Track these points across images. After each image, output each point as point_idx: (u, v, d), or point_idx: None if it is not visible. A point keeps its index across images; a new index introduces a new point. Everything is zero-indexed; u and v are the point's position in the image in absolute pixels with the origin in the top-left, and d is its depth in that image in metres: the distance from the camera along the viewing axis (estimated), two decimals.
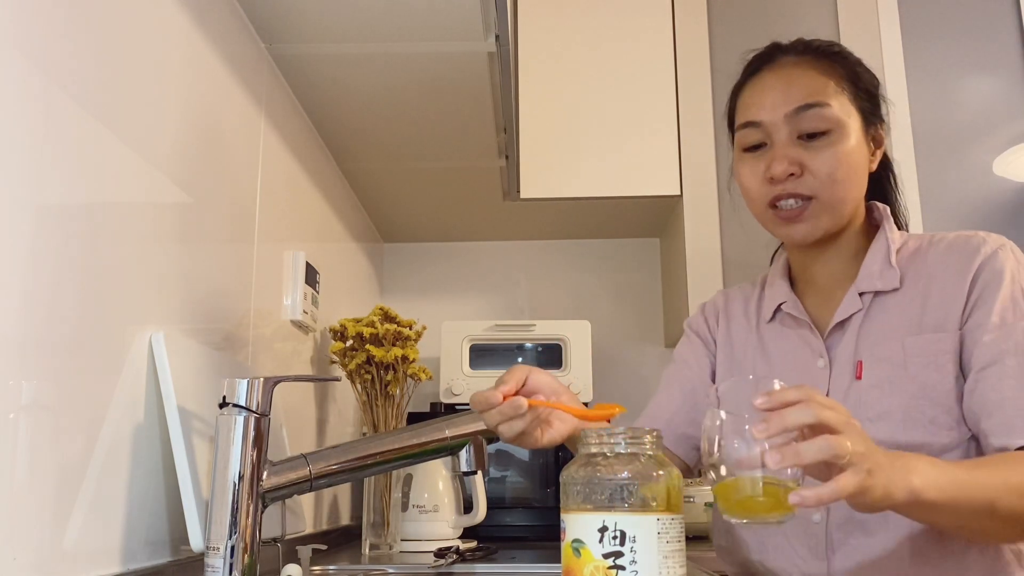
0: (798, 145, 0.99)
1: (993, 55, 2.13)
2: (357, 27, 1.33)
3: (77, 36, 0.80)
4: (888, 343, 0.97)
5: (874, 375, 0.96)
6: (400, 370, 1.64)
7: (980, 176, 2.07)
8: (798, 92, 0.99)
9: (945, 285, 0.97)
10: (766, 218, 1.03)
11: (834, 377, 1.00)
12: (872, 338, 0.99)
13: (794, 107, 0.99)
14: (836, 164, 0.97)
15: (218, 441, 0.87)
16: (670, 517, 0.67)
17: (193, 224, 1.07)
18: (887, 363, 0.96)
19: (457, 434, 0.99)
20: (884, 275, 1.00)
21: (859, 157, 1.00)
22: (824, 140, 0.98)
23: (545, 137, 2.08)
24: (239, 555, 0.85)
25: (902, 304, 0.99)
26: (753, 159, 1.02)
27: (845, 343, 1.00)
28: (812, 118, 0.98)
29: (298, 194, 1.59)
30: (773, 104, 1.00)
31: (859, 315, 1.00)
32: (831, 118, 0.98)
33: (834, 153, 0.98)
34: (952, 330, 0.95)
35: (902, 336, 0.97)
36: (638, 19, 2.13)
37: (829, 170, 0.97)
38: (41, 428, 0.73)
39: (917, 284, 0.99)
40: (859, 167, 1.00)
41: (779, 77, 1.02)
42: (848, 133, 0.98)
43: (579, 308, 2.41)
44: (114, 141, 0.87)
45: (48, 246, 0.75)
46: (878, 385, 0.96)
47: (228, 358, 1.16)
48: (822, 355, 1.02)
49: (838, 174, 0.98)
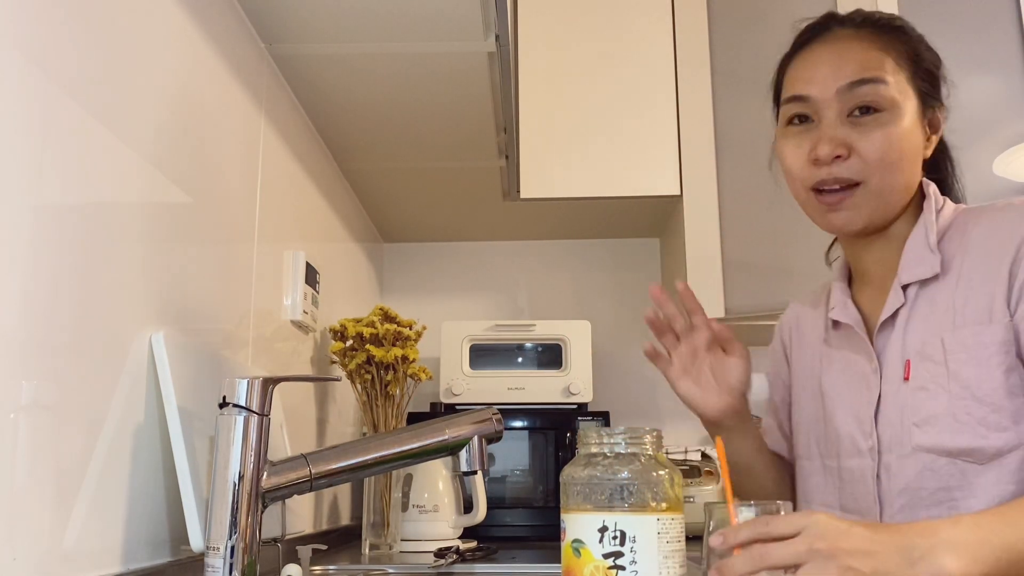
0: (847, 124, 0.91)
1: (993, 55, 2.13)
2: (357, 27, 1.33)
3: (77, 36, 0.80)
4: (932, 339, 0.88)
5: (919, 375, 0.88)
6: (400, 370, 1.64)
7: (980, 176, 2.07)
8: (852, 66, 0.91)
9: (987, 268, 0.87)
10: (808, 203, 0.96)
11: (885, 380, 0.93)
12: (919, 334, 0.90)
13: (847, 82, 0.91)
14: (888, 146, 0.90)
15: (218, 441, 0.87)
16: (670, 517, 0.67)
17: (193, 224, 1.07)
18: (930, 361, 0.88)
19: (457, 434, 0.99)
20: (925, 261, 0.91)
21: (913, 141, 0.92)
22: (876, 119, 0.90)
23: (545, 137, 2.08)
24: (239, 555, 0.85)
25: (947, 293, 0.89)
26: (798, 135, 0.95)
27: (893, 341, 0.92)
28: (865, 94, 0.91)
29: (298, 194, 1.59)
30: (824, 78, 0.92)
31: (904, 310, 0.92)
32: (886, 96, 0.90)
33: (886, 134, 0.90)
34: (998, 319, 0.85)
35: (943, 331, 0.88)
36: (638, 19, 2.13)
37: (880, 153, 0.90)
38: (41, 428, 0.73)
39: (961, 269, 0.89)
40: (913, 152, 0.92)
41: (833, 50, 0.94)
42: (902, 114, 0.91)
43: (579, 308, 2.42)
44: (114, 141, 0.87)
45: (48, 246, 0.75)
46: (923, 386, 0.88)
47: (228, 358, 1.16)
48: (871, 358, 0.94)
49: (889, 157, 0.90)
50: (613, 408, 2.16)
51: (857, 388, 0.95)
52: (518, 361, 2.10)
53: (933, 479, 0.86)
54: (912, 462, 0.88)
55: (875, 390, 0.93)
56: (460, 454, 1.00)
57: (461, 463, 1.00)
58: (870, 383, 0.94)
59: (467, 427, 1.00)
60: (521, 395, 2.03)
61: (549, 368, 2.06)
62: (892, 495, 0.90)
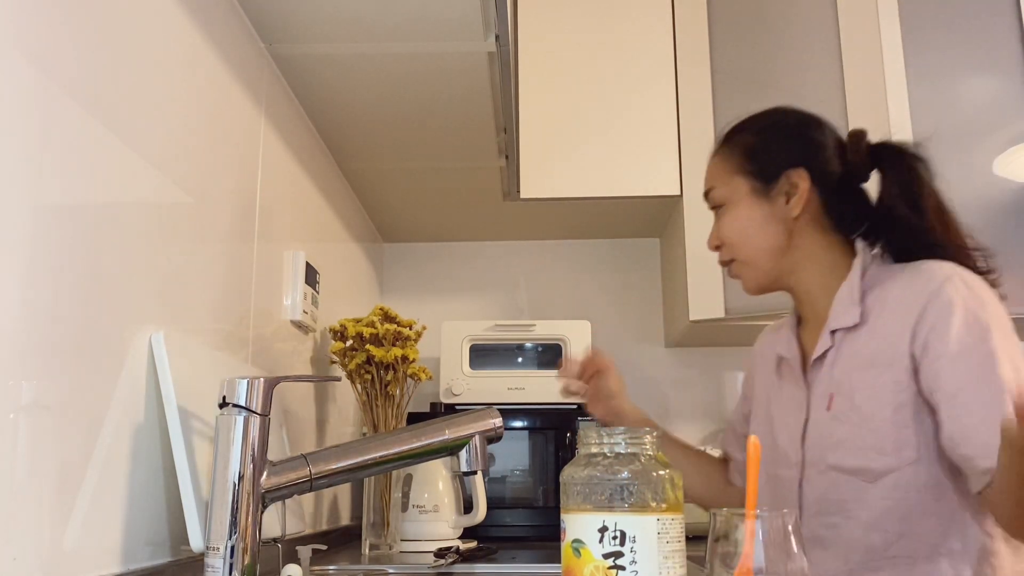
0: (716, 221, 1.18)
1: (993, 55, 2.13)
2: (357, 27, 1.33)
3: (77, 36, 0.80)
4: (848, 377, 1.06)
5: (838, 407, 1.06)
6: (400, 370, 1.64)
7: (980, 176, 2.07)
8: (705, 181, 1.20)
9: (895, 321, 1.02)
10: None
11: (812, 408, 1.10)
12: (840, 371, 1.07)
13: (704, 193, 1.20)
14: (730, 230, 1.15)
15: (218, 441, 0.87)
16: (670, 517, 0.67)
17: (193, 224, 1.07)
18: (844, 396, 1.05)
19: (457, 434, 0.99)
20: (848, 313, 1.07)
21: (752, 217, 1.13)
22: (720, 213, 1.17)
23: (545, 137, 2.08)
24: (239, 555, 0.85)
25: (864, 339, 1.06)
26: None
27: (821, 376, 1.10)
28: (711, 200, 1.18)
29: (298, 194, 1.59)
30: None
31: (832, 351, 1.09)
32: (719, 196, 1.17)
33: (725, 225, 1.15)
34: (899, 365, 1.01)
35: (855, 370, 1.05)
36: (638, 19, 2.13)
37: (727, 236, 1.15)
38: (41, 428, 0.73)
39: (878, 320, 1.05)
40: (754, 225, 1.13)
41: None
42: (734, 203, 1.14)
43: (579, 308, 2.41)
44: (114, 141, 0.87)
45: (48, 246, 0.75)
46: (837, 416, 1.05)
47: (228, 358, 1.16)
48: (802, 388, 1.12)
49: (734, 237, 1.14)
50: None
51: (794, 413, 1.13)
52: (518, 361, 2.10)
53: (836, 492, 1.04)
54: (824, 477, 1.06)
55: (803, 416, 1.11)
56: (460, 454, 1.00)
57: (461, 463, 1.00)
58: (800, 409, 1.12)
59: (467, 427, 1.00)
60: (521, 395, 2.03)
61: (549, 368, 2.06)
62: (809, 502, 1.08)
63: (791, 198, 1.11)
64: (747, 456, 0.70)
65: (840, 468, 1.03)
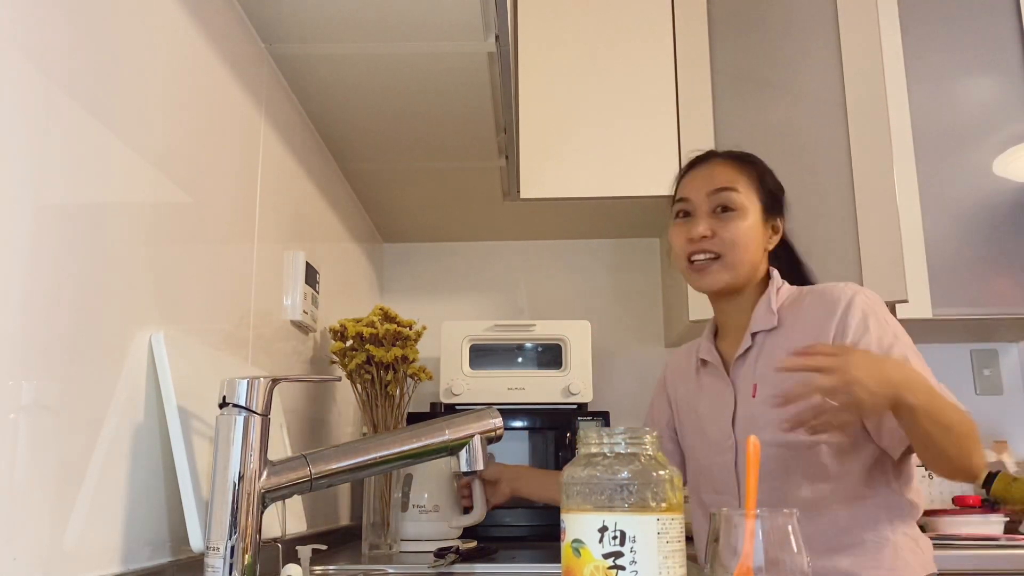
0: (713, 217, 1.31)
1: (993, 55, 2.13)
2: (357, 27, 1.33)
3: (77, 36, 0.80)
4: (769, 370, 1.27)
5: (763, 394, 1.26)
6: (400, 370, 1.64)
7: (980, 176, 2.07)
8: (717, 180, 1.32)
9: (811, 327, 1.25)
10: (685, 270, 1.34)
11: (739, 398, 1.30)
12: (763, 367, 1.28)
13: (713, 188, 1.31)
14: (737, 234, 1.29)
15: (218, 441, 0.87)
16: (670, 517, 0.67)
17: (193, 224, 1.07)
18: (768, 384, 1.25)
19: (457, 434, 0.99)
20: (766, 318, 1.30)
21: (756, 233, 1.31)
22: (731, 215, 1.30)
23: (545, 137, 2.08)
24: (239, 555, 0.85)
25: (782, 340, 1.28)
26: (681, 225, 1.34)
27: (744, 371, 1.31)
28: (724, 198, 1.31)
29: (298, 194, 1.59)
30: (699, 186, 1.33)
31: (753, 350, 1.31)
32: (737, 200, 1.30)
33: (737, 225, 1.29)
34: None
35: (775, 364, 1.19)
36: (638, 19, 2.13)
37: (732, 237, 1.29)
38: (41, 428, 0.73)
39: (794, 325, 1.28)
40: (755, 241, 1.31)
41: (707, 170, 1.35)
42: (748, 214, 1.30)
43: (579, 308, 2.41)
44: (114, 141, 0.87)
45: (48, 246, 0.75)
46: (765, 401, 1.23)
47: (228, 358, 1.16)
48: (728, 383, 1.33)
49: (738, 241, 1.29)
50: (613, 408, 2.16)
51: (719, 406, 1.32)
52: (518, 361, 2.10)
53: (769, 464, 1.17)
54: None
55: (731, 406, 1.30)
56: (460, 454, 1.00)
57: (461, 463, 1.00)
58: (726, 401, 1.32)
59: (467, 427, 1.00)
60: (521, 395, 2.02)
61: (549, 368, 2.06)
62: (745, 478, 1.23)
63: (773, 235, 1.36)
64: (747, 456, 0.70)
65: (770, 443, 1.19)
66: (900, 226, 1.93)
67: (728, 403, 1.32)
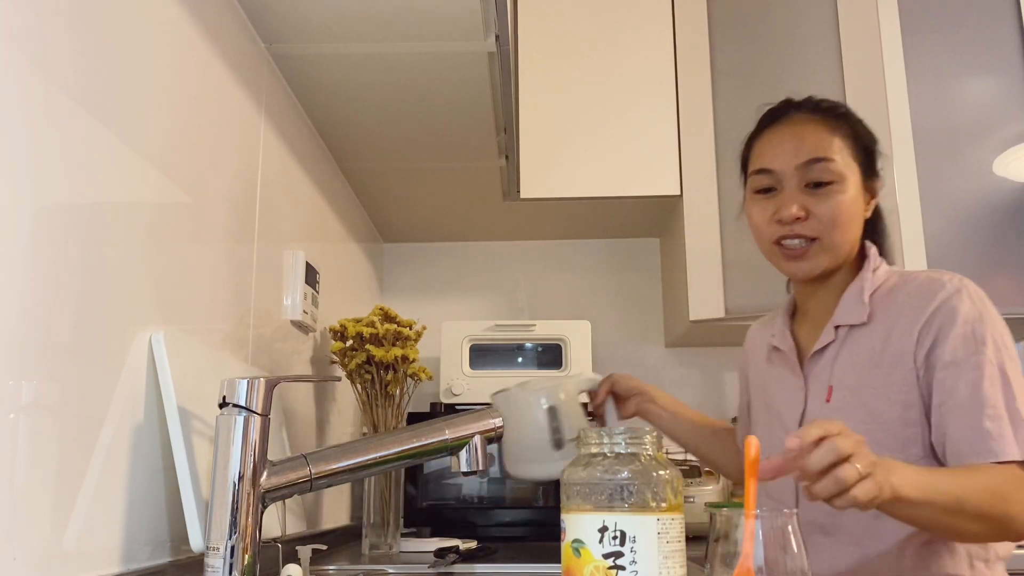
0: (805, 192, 1.11)
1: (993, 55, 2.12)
2: (357, 27, 1.33)
3: (77, 36, 0.80)
4: (853, 372, 1.09)
5: (839, 400, 1.09)
6: (400, 370, 1.64)
7: (980, 176, 2.07)
8: (808, 147, 1.11)
9: (905, 324, 1.07)
10: (772, 254, 1.16)
11: (809, 398, 1.14)
12: (843, 366, 1.11)
13: (804, 160, 1.11)
14: (838, 211, 1.10)
15: (218, 441, 0.87)
16: (670, 517, 0.67)
17: (193, 224, 1.07)
18: (848, 390, 1.09)
19: (457, 434, 0.99)
20: (855, 311, 1.11)
21: (857, 206, 1.12)
22: (828, 189, 1.10)
23: (545, 137, 2.08)
24: (239, 555, 0.85)
25: (870, 338, 1.09)
26: (764, 201, 1.14)
27: (820, 369, 1.13)
28: (819, 171, 1.10)
29: (298, 194, 1.59)
30: (785, 155, 1.12)
31: (834, 345, 1.12)
32: (835, 171, 1.10)
33: (837, 202, 1.10)
34: (905, 366, 1.05)
35: (862, 367, 1.08)
36: (638, 20, 2.13)
37: (831, 216, 1.10)
38: (41, 428, 0.73)
39: (885, 320, 1.09)
40: (857, 214, 1.12)
41: (791, 131, 1.14)
42: (848, 185, 1.11)
43: (579, 308, 2.41)
44: (114, 141, 0.87)
45: (48, 246, 0.75)
46: (840, 409, 1.08)
47: (228, 358, 1.16)
48: (799, 379, 1.16)
49: (840, 219, 1.10)
50: None
51: (789, 401, 1.16)
52: (518, 361, 2.10)
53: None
54: None
55: (800, 406, 1.14)
56: (460, 454, 1.00)
57: (461, 463, 1.00)
58: (797, 399, 1.15)
59: (467, 427, 1.00)
60: None
61: (549, 368, 2.06)
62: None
63: (871, 200, 1.16)
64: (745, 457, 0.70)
65: None
66: (900, 226, 1.93)
67: (797, 402, 1.15)
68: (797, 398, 1.15)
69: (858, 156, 1.13)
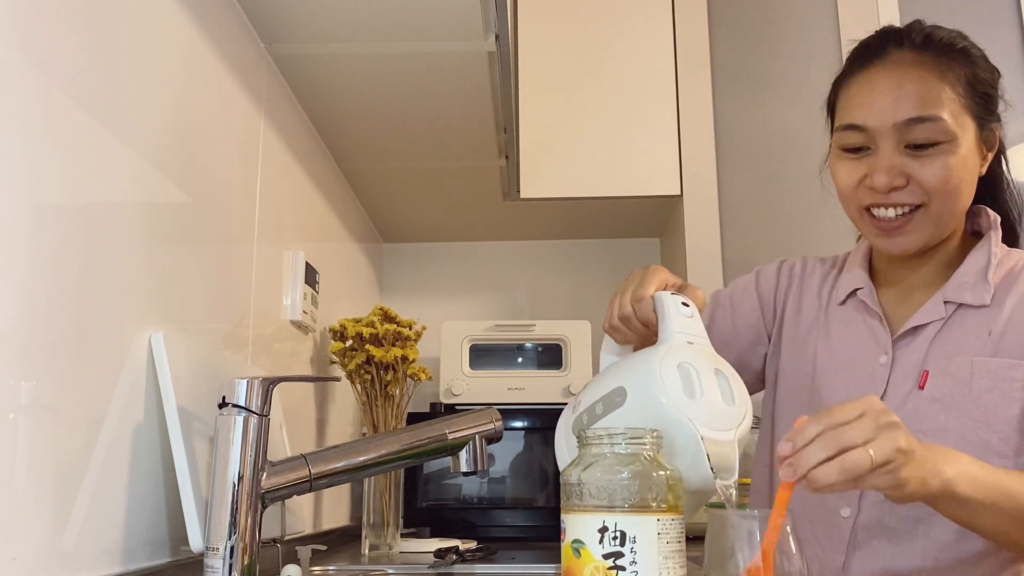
0: (904, 154, 0.91)
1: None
2: (357, 27, 1.33)
3: (77, 36, 0.80)
4: (959, 358, 0.91)
5: (937, 388, 0.91)
6: (400, 370, 1.64)
7: None
8: (909, 101, 0.91)
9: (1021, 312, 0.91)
10: (861, 223, 0.98)
11: (894, 379, 0.95)
12: (945, 350, 0.93)
13: (904, 118, 0.90)
14: (947, 176, 0.90)
15: (218, 441, 0.87)
16: (670, 518, 0.67)
17: (193, 224, 1.07)
18: (952, 379, 0.91)
19: (457, 434, 0.99)
20: (976, 289, 0.93)
21: (970, 167, 0.92)
22: (935, 151, 0.90)
23: (545, 137, 2.08)
24: (239, 555, 0.85)
25: (984, 322, 0.92)
26: (853, 160, 0.95)
27: (915, 347, 0.95)
28: (923, 130, 0.90)
29: (298, 194, 1.59)
30: (881, 110, 0.92)
31: (937, 323, 0.94)
32: (943, 131, 0.90)
33: (945, 164, 0.90)
34: None
35: (974, 354, 0.91)
36: (638, 19, 2.13)
37: (938, 182, 0.90)
38: (41, 428, 0.73)
39: (1004, 305, 0.92)
40: (970, 177, 0.93)
41: (891, 78, 0.93)
42: (960, 144, 0.91)
43: (579, 308, 2.41)
44: (114, 141, 0.87)
45: (48, 246, 0.75)
46: (939, 399, 0.91)
47: (228, 358, 1.16)
48: (887, 352, 0.96)
49: (948, 186, 0.90)
50: None
51: (856, 374, 0.97)
52: (518, 361, 2.10)
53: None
54: None
55: (880, 385, 0.95)
56: (460, 454, 1.00)
57: (461, 463, 1.00)
58: (875, 376, 0.96)
59: (467, 427, 1.00)
60: (521, 395, 2.02)
61: (549, 368, 2.06)
62: None
63: (988, 153, 0.95)
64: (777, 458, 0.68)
65: None
66: None
67: (875, 378, 0.95)
68: (877, 375, 0.95)
69: (974, 105, 0.93)
